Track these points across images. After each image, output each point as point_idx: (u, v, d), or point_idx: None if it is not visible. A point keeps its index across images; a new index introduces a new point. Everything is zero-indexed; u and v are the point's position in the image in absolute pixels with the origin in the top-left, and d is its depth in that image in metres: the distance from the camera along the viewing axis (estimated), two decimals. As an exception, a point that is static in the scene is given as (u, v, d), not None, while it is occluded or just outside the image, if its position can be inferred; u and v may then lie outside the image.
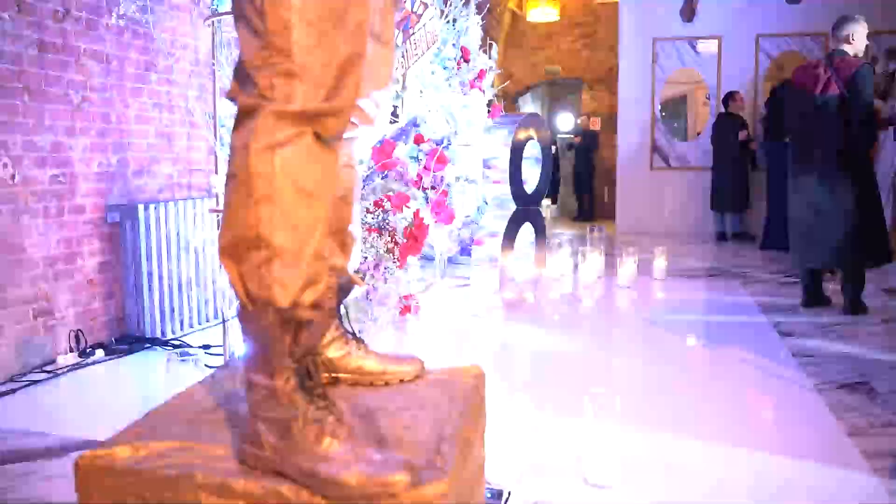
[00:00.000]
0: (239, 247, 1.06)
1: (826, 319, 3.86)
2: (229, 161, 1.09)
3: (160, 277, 3.48)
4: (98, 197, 3.36)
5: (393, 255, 2.55)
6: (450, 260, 4.68)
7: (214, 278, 3.76)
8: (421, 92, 3.97)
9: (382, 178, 2.67)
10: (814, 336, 3.51)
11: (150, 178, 3.68)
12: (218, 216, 3.09)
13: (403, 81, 3.41)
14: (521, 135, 4.16)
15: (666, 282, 4.98)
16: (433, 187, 3.97)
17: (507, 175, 4.06)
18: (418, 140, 3.29)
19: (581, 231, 8.69)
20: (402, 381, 1.41)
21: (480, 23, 4.62)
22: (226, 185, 1.07)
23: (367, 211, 2.48)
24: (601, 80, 10.10)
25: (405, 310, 2.84)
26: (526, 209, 4.22)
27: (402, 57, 3.65)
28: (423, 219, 2.56)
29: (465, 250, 4.75)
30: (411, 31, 3.85)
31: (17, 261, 2.96)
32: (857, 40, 3.89)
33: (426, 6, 4.04)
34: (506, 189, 4.08)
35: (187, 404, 1.23)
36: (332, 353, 1.37)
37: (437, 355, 2.61)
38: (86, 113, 3.27)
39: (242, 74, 1.11)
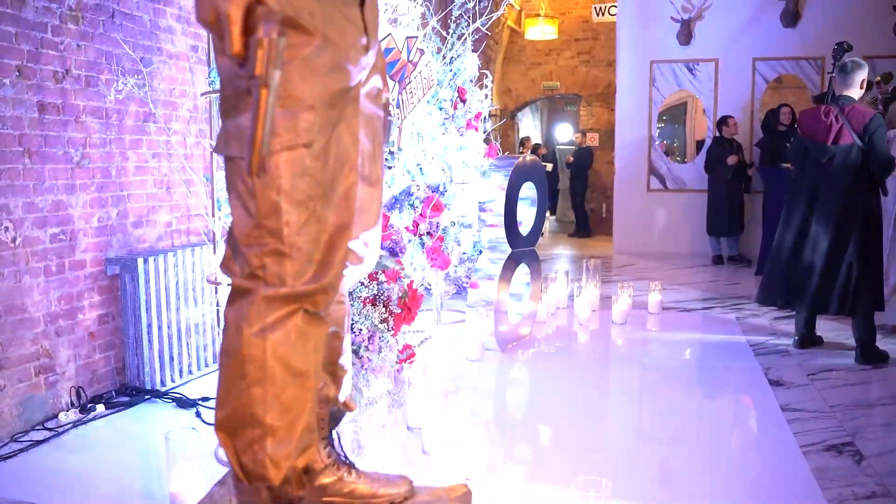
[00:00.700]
0: (234, 422, 1.12)
1: (818, 362, 3.91)
2: (223, 334, 1.14)
3: (159, 328, 3.53)
4: (98, 251, 3.41)
5: (387, 324, 2.60)
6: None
7: (213, 324, 3.81)
8: (419, 135, 4.02)
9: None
10: (803, 385, 3.56)
11: (150, 227, 3.73)
12: (215, 287, 3.15)
13: (399, 142, 3.46)
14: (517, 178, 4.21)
15: (660, 316, 5.03)
16: (429, 233, 4.03)
17: (502, 219, 4.11)
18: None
19: (578, 249, 8.75)
20: (392, 502, 1.46)
21: (478, 61, 4.67)
22: (220, 359, 1.12)
23: (362, 283, 2.53)
24: (599, 95, 10.14)
25: (402, 360, 2.90)
26: (521, 251, 4.27)
27: (399, 108, 3.69)
28: (416, 290, 2.60)
29: (460, 288, 4.79)
30: (407, 81, 3.89)
31: (19, 321, 3.01)
32: (864, 86, 3.90)
33: (422, 52, 4.08)
34: (501, 233, 4.13)
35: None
36: (325, 479, 1.42)
37: (432, 406, 2.66)
38: (86, 169, 3.32)
39: (234, 246, 1.16)
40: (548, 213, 13.07)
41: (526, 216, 4.40)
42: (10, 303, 2.97)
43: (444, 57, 4.44)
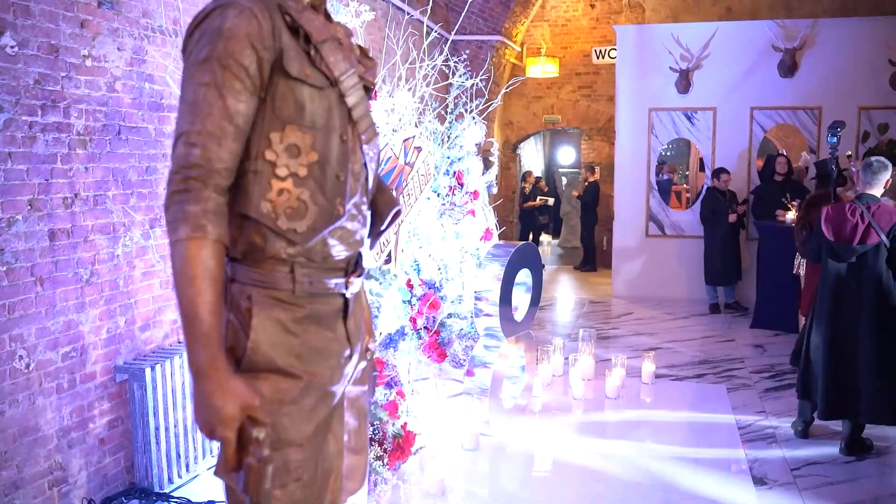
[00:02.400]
0: None
1: (803, 453, 4.02)
2: None
3: (166, 428, 3.68)
4: (107, 360, 3.56)
5: (382, 461, 2.74)
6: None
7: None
8: (416, 236, 4.14)
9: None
10: (786, 484, 3.68)
11: (156, 328, 3.87)
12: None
13: (395, 258, 3.59)
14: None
15: (653, 387, 5.15)
16: (426, 328, 4.16)
17: (497, 308, 4.23)
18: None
19: (579, 289, 8.87)
20: None
21: (483, 128, 4.76)
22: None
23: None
24: (601, 130, 10.23)
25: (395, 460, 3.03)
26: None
27: (395, 215, 3.81)
28: (410, 431, 2.74)
29: (457, 364, 4.92)
30: (405, 184, 4.01)
31: (33, 440, 3.17)
32: (888, 185, 3.90)
33: (419, 150, 4.21)
34: (496, 322, 4.26)
35: None
36: None
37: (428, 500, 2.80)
38: (94, 286, 3.46)
39: None
40: (550, 238, 13.20)
41: (521, 302, 4.53)
42: (25, 425, 3.13)
43: (443, 140, 4.55)
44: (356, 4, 3.69)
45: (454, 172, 4.68)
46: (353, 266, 1.47)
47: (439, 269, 4.04)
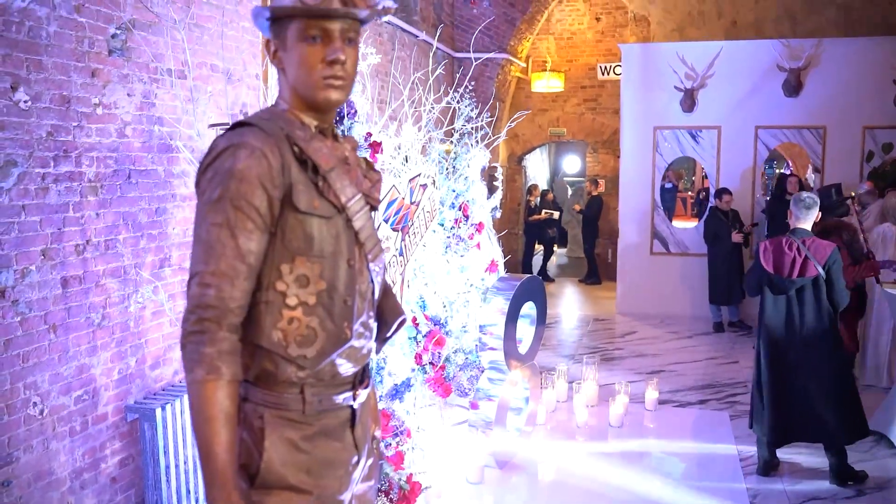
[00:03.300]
0: None
1: (803, 488, 4.07)
2: None
3: (177, 466, 3.75)
4: (118, 400, 3.63)
5: (387, 512, 2.80)
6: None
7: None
8: (422, 272, 4.20)
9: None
10: (787, 522, 3.73)
11: (166, 365, 3.94)
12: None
13: (401, 299, 3.64)
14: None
15: (656, 414, 5.20)
16: (431, 363, 4.22)
17: (501, 342, 4.29)
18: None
19: (583, 305, 8.91)
20: None
21: (488, 156, 4.80)
22: None
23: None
24: (606, 142, 10.26)
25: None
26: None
27: (401, 255, 3.86)
28: (416, 482, 2.80)
29: (462, 392, 4.98)
30: (411, 223, 4.05)
31: (47, 484, 3.24)
32: (817, 219, 4.10)
33: (425, 187, 4.25)
34: (500, 356, 4.31)
35: None
36: None
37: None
38: (105, 329, 3.53)
39: None
40: (556, 248, 13.24)
41: (525, 334, 4.58)
42: (39, 469, 3.20)
43: (448, 170, 4.60)
44: (363, 47, 3.74)
45: (460, 205, 4.74)
46: (361, 377, 1.53)
47: (444, 305, 4.10)
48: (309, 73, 1.42)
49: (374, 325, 1.58)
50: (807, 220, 4.06)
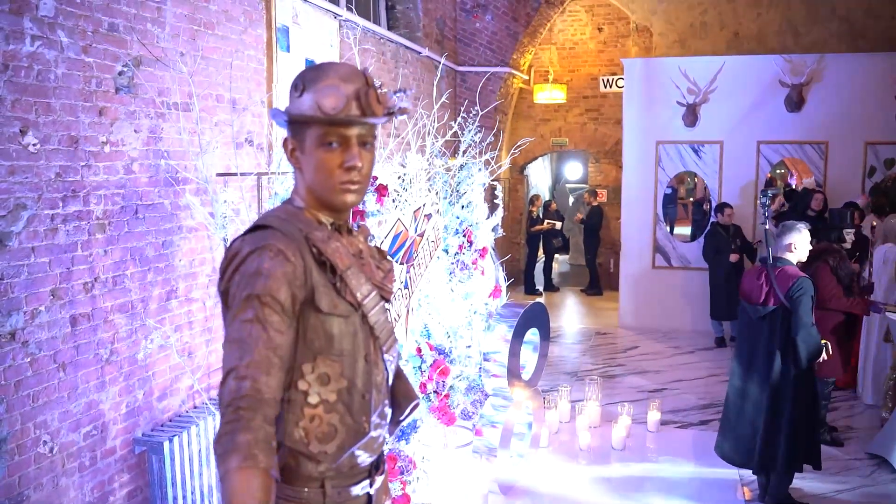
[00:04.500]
0: None
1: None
2: None
3: (184, 497, 3.79)
4: (126, 433, 3.67)
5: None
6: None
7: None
8: (427, 301, 4.23)
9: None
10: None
11: (173, 396, 3.98)
12: None
13: (406, 331, 3.67)
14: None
15: (658, 436, 5.23)
16: (436, 392, 4.25)
17: (505, 369, 4.32)
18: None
19: (585, 317, 8.95)
20: None
21: (487, 176, 4.83)
22: None
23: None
24: (608, 153, 10.28)
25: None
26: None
27: (406, 287, 3.89)
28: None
29: (466, 417, 5.01)
30: (416, 254, 4.08)
31: (56, 520, 3.29)
32: (800, 248, 4.00)
33: (429, 217, 4.28)
34: (504, 383, 4.35)
35: None
36: None
37: None
38: (113, 364, 3.57)
39: None
40: (558, 255, 13.26)
41: (528, 361, 4.61)
42: (49, 506, 3.24)
43: (451, 193, 4.62)
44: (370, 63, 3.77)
45: (463, 231, 4.77)
46: (377, 464, 1.57)
47: (448, 335, 4.13)
48: (327, 178, 1.45)
49: (388, 411, 1.62)
50: (782, 249, 3.98)
